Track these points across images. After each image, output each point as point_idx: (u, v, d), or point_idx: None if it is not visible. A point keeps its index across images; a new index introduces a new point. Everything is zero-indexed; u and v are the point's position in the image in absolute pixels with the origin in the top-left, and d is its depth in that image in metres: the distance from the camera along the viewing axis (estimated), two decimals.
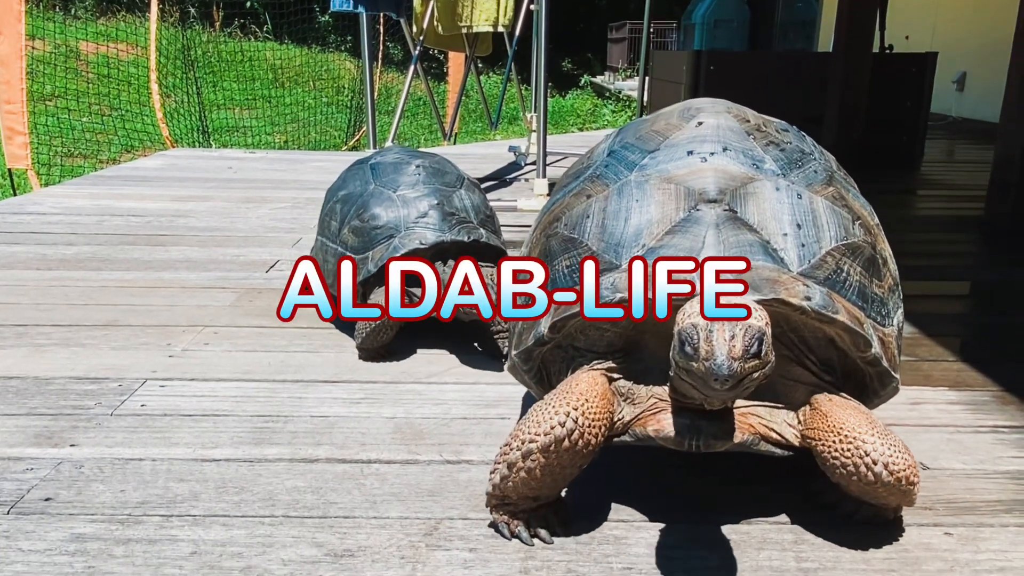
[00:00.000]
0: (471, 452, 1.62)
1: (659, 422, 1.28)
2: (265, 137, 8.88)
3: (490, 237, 2.16)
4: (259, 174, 4.86)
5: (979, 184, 3.66)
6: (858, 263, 1.33)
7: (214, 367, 2.01)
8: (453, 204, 2.15)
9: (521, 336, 1.44)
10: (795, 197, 1.32)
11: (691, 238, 1.28)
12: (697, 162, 1.36)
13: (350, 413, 1.79)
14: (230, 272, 2.84)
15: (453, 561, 1.28)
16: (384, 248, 2.09)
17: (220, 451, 1.61)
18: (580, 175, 1.51)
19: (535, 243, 1.51)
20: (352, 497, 1.45)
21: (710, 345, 1.05)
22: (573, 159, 5.48)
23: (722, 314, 1.07)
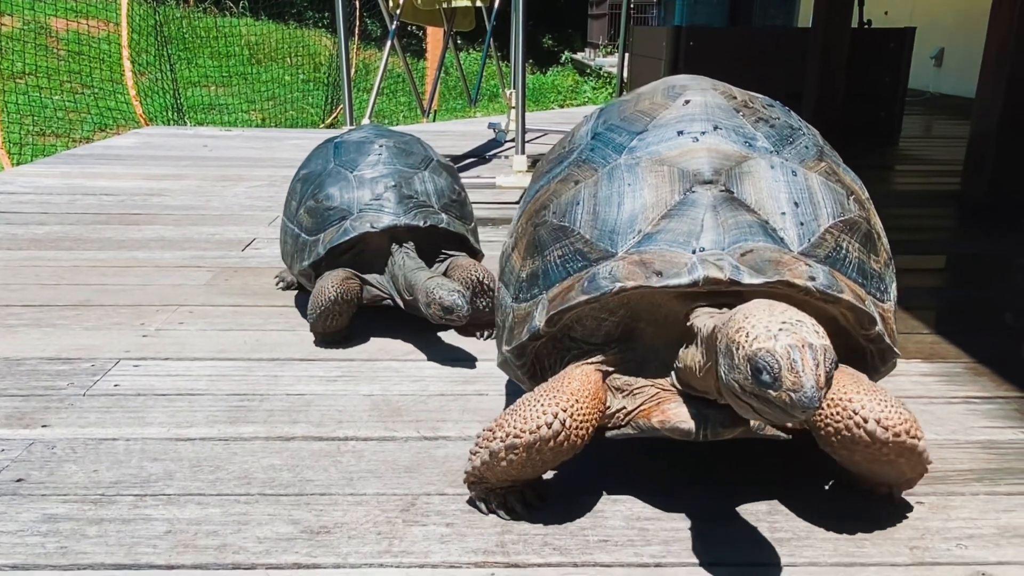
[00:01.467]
0: (448, 428, 1.62)
1: (664, 413, 1.26)
2: (241, 115, 8.76)
3: (451, 223, 2.08)
4: (235, 152, 4.80)
5: (956, 159, 3.69)
6: (856, 239, 1.31)
7: (188, 346, 1.99)
8: (412, 187, 2.07)
9: (512, 331, 1.39)
10: (790, 174, 1.30)
11: (688, 222, 1.25)
12: (688, 142, 1.32)
13: (327, 391, 1.77)
14: (205, 251, 2.81)
15: (430, 536, 1.28)
16: (335, 231, 2.01)
17: (195, 430, 1.59)
18: (563, 160, 1.45)
19: (522, 233, 1.45)
20: (328, 474, 1.45)
21: (797, 376, 0.97)
22: (554, 136, 5.46)
23: (794, 340, 1.00)
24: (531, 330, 1.32)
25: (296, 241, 2.11)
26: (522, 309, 1.37)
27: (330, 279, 1.95)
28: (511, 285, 1.44)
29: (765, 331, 1.01)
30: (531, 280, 1.37)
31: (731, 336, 1.06)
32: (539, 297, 1.34)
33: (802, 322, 1.02)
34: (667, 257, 1.23)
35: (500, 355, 1.46)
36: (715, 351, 1.11)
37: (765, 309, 1.06)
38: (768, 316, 1.04)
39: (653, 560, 1.23)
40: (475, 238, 2.21)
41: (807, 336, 1.00)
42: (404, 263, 1.96)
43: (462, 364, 1.92)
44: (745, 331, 1.03)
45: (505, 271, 1.49)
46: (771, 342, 1.00)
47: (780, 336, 1.00)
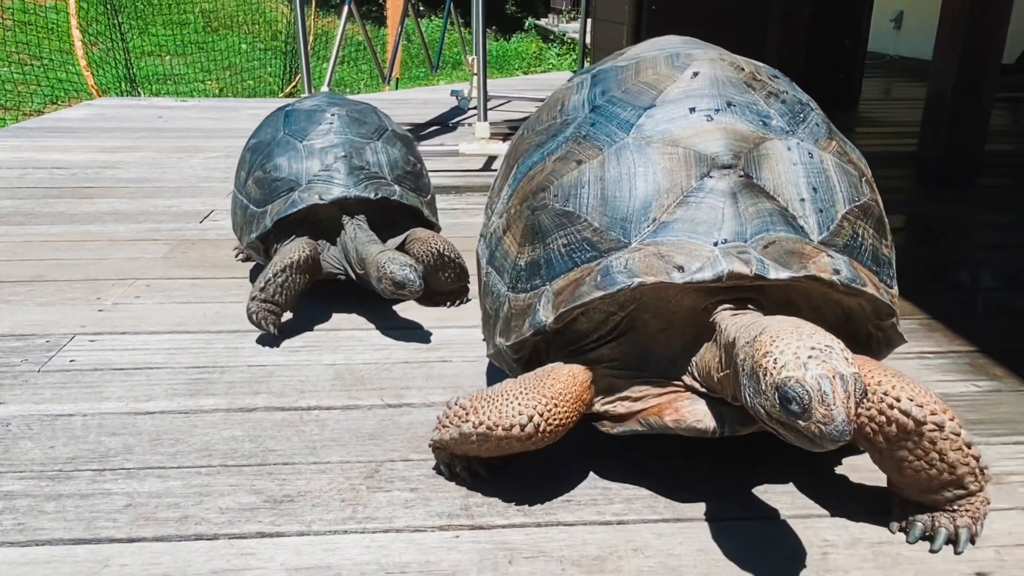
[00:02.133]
0: (412, 395, 1.61)
1: (678, 412, 1.21)
2: (197, 85, 8.55)
3: (404, 195, 2.01)
4: (191, 123, 4.69)
5: (914, 121, 3.73)
6: (870, 225, 1.26)
7: (146, 320, 1.96)
8: (364, 157, 1.99)
9: (510, 323, 1.30)
10: (807, 156, 1.23)
11: (707, 210, 1.17)
12: (702, 121, 1.23)
13: (288, 361, 1.76)
14: (161, 223, 2.75)
15: (394, 502, 1.28)
16: (282, 202, 1.94)
17: (154, 404, 1.57)
18: (557, 133, 1.34)
19: (516, 215, 1.33)
20: (291, 444, 1.44)
21: (828, 409, 0.93)
22: (519, 104, 5.39)
23: (824, 370, 0.94)
24: (535, 325, 1.24)
25: (245, 213, 2.05)
26: (520, 300, 1.29)
27: (296, 242, 1.89)
28: (506, 272, 1.34)
29: (794, 358, 0.96)
30: (531, 269, 1.28)
31: (757, 360, 1.00)
32: (542, 289, 1.25)
33: (832, 348, 0.97)
34: (687, 249, 1.16)
35: (492, 346, 1.38)
36: (735, 364, 1.08)
37: (792, 331, 1.00)
38: (797, 341, 0.98)
39: (615, 518, 1.24)
40: (431, 210, 2.14)
41: (838, 365, 0.95)
42: (356, 236, 1.92)
43: (425, 332, 1.92)
44: (773, 357, 0.98)
45: (496, 255, 1.39)
46: (801, 371, 0.95)
47: (810, 365, 0.95)
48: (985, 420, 1.53)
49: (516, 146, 1.48)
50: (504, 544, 1.19)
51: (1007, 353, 1.80)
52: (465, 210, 2.95)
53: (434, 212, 2.16)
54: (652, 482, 1.32)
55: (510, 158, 1.48)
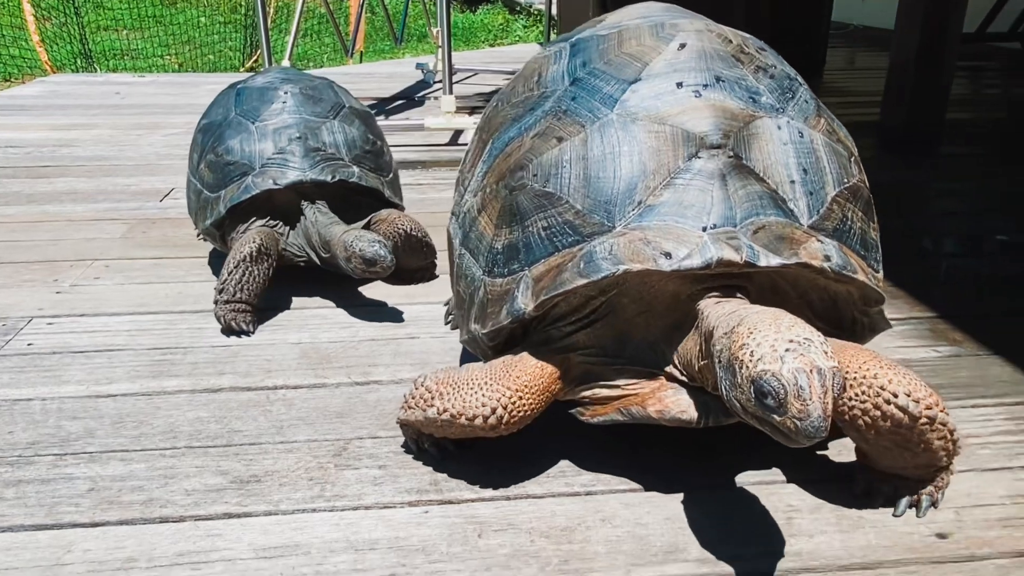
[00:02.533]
0: (380, 373, 1.61)
1: (661, 402, 1.18)
2: (156, 60, 8.34)
3: (363, 176, 1.93)
4: (149, 99, 4.58)
5: (877, 90, 3.76)
6: (859, 207, 1.23)
7: (106, 301, 1.92)
8: (321, 138, 1.92)
9: (486, 309, 1.25)
10: (797, 136, 1.19)
11: (696, 193, 1.13)
12: (690, 97, 1.17)
13: (253, 341, 1.74)
14: (121, 203, 2.69)
15: (363, 479, 1.27)
16: (236, 187, 1.87)
17: (116, 386, 1.54)
18: (535, 107, 1.27)
19: (492, 195, 1.27)
20: (258, 424, 1.42)
21: (803, 404, 0.90)
22: (486, 76, 5.31)
23: (801, 364, 0.92)
24: (514, 313, 1.19)
25: (199, 198, 1.97)
26: (498, 285, 1.24)
27: (253, 231, 1.83)
28: (481, 255, 1.29)
29: (771, 351, 0.93)
30: (509, 253, 1.23)
31: (734, 352, 0.97)
32: (520, 274, 1.20)
33: (810, 341, 0.94)
34: (675, 234, 1.11)
35: (466, 332, 1.32)
36: (712, 355, 1.05)
37: (771, 323, 0.97)
38: (774, 332, 0.95)
39: (584, 490, 1.25)
40: (393, 190, 2.06)
41: (815, 359, 0.92)
42: (317, 220, 1.87)
43: (392, 309, 1.90)
44: (749, 349, 0.95)
45: (470, 237, 1.33)
46: (777, 364, 0.92)
47: (787, 358, 0.92)
48: (945, 384, 1.56)
49: (490, 119, 1.41)
50: (473, 518, 1.19)
51: (966, 319, 1.83)
52: (432, 185, 2.92)
53: (397, 191, 2.10)
54: (619, 455, 1.33)
55: (483, 131, 1.41)
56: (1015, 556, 1.11)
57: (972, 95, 4.76)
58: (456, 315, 1.37)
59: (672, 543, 1.14)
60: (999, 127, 3.96)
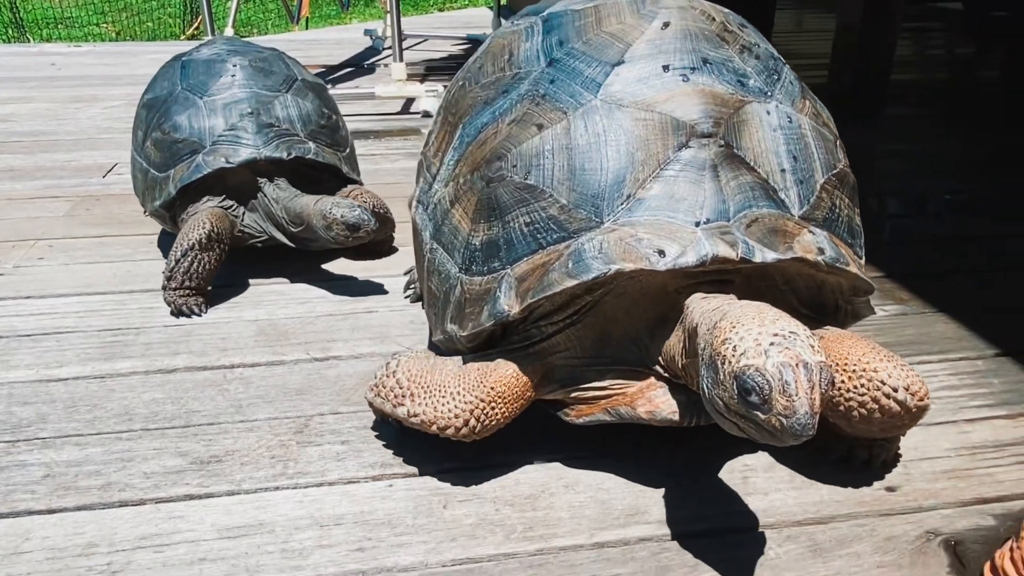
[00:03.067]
0: (339, 348, 1.60)
1: (651, 402, 1.14)
2: (92, 29, 8.03)
3: (320, 152, 1.87)
4: (87, 70, 4.42)
5: (825, 53, 3.80)
6: (846, 194, 1.21)
7: (51, 283, 1.86)
8: (274, 112, 1.84)
9: (463, 309, 1.19)
10: (786, 121, 1.16)
11: (687, 185, 1.08)
12: (677, 82, 1.12)
13: (208, 319, 1.71)
14: (62, 179, 2.60)
15: (326, 455, 1.27)
16: (186, 167, 1.79)
17: (66, 370, 1.51)
18: (510, 89, 1.21)
19: (467, 186, 1.20)
20: (216, 403, 1.41)
21: (790, 400, 0.86)
22: (437, 42, 5.21)
23: (787, 358, 0.88)
24: (496, 315, 1.12)
25: (146, 177, 1.89)
26: (476, 284, 1.18)
27: (204, 214, 1.75)
28: (456, 251, 1.22)
29: (755, 345, 0.89)
30: (488, 250, 1.16)
31: (716, 347, 0.93)
32: (501, 273, 1.14)
33: (796, 335, 0.90)
34: (667, 229, 1.06)
35: (441, 331, 1.26)
36: (696, 353, 1.01)
37: (754, 316, 0.94)
38: (758, 326, 0.92)
39: (547, 458, 1.27)
40: (351, 165, 2.00)
41: (801, 353, 0.88)
42: (279, 196, 1.81)
43: (349, 284, 1.88)
44: (732, 344, 0.91)
45: (443, 231, 1.26)
46: (761, 359, 0.88)
47: (772, 352, 0.88)
48: (891, 342, 1.61)
49: (457, 99, 1.33)
50: (438, 490, 1.20)
51: (912, 278, 1.89)
52: (385, 155, 2.89)
53: (354, 167, 2.05)
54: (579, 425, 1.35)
55: (450, 113, 1.34)
56: (959, 506, 1.16)
57: (917, 56, 4.85)
58: (427, 313, 1.34)
59: (634, 506, 1.16)
60: (943, 88, 4.05)
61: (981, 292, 1.82)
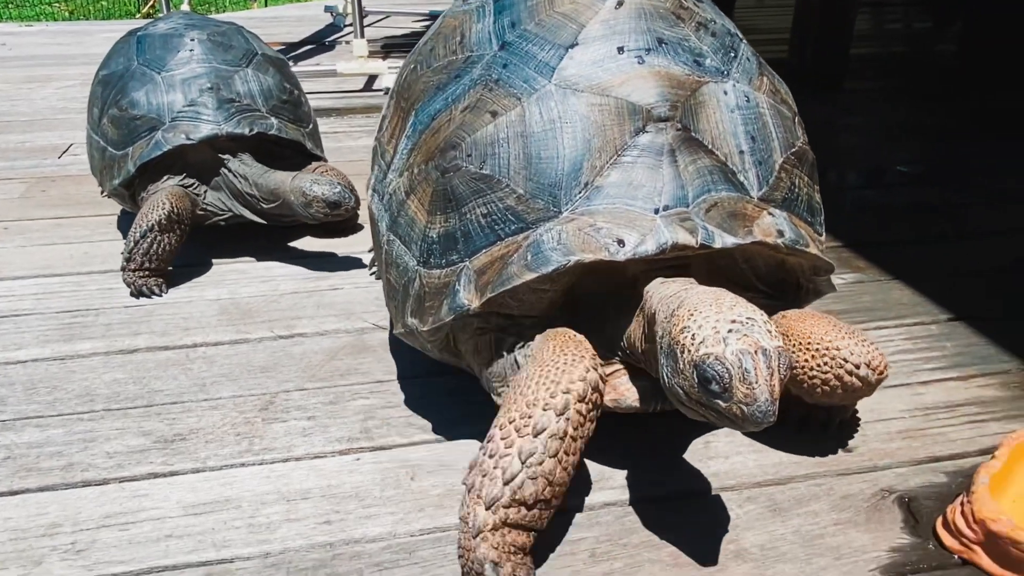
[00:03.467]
0: (304, 325, 1.59)
1: (616, 390, 1.12)
2: (44, 8, 7.81)
3: (283, 128, 1.82)
4: (40, 49, 4.30)
5: (786, 27, 3.83)
6: (805, 172, 1.20)
7: (7, 265, 1.83)
8: (234, 88, 1.80)
9: (423, 302, 1.15)
10: (744, 100, 1.14)
11: (645, 171, 1.06)
12: (632, 64, 1.09)
13: (169, 299, 1.69)
14: (15, 161, 2.54)
15: (292, 431, 1.27)
16: (145, 144, 1.74)
17: (25, 352, 1.49)
18: (462, 74, 1.17)
19: (422, 176, 1.16)
20: (179, 383, 1.40)
21: (750, 388, 0.86)
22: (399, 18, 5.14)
23: (746, 345, 0.87)
24: (456, 309, 1.10)
25: (103, 155, 1.85)
26: (435, 278, 1.14)
27: (163, 194, 1.70)
28: (413, 243, 1.18)
29: (713, 333, 0.89)
30: (446, 242, 1.13)
31: (674, 336, 0.92)
32: (460, 265, 1.11)
33: (753, 320, 0.90)
34: (626, 217, 1.05)
35: (402, 325, 1.21)
36: (654, 339, 1.00)
37: (711, 303, 0.93)
38: (715, 313, 0.91)
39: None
40: (314, 141, 1.96)
41: (760, 339, 0.88)
42: (247, 172, 1.77)
43: (313, 261, 1.87)
44: (690, 332, 0.90)
45: (399, 222, 1.22)
46: (720, 347, 0.87)
47: (730, 340, 0.88)
48: (849, 309, 1.64)
49: (409, 83, 1.29)
50: (406, 462, 1.21)
51: (868, 247, 1.92)
52: (348, 133, 2.86)
53: (318, 143, 2.01)
54: None
55: (402, 98, 1.30)
56: (913, 464, 1.20)
57: (876, 30, 4.91)
58: (388, 305, 1.30)
59: (600, 472, 1.18)
60: (901, 61, 4.11)
61: (936, 259, 1.86)
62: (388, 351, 1.49)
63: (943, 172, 2.46)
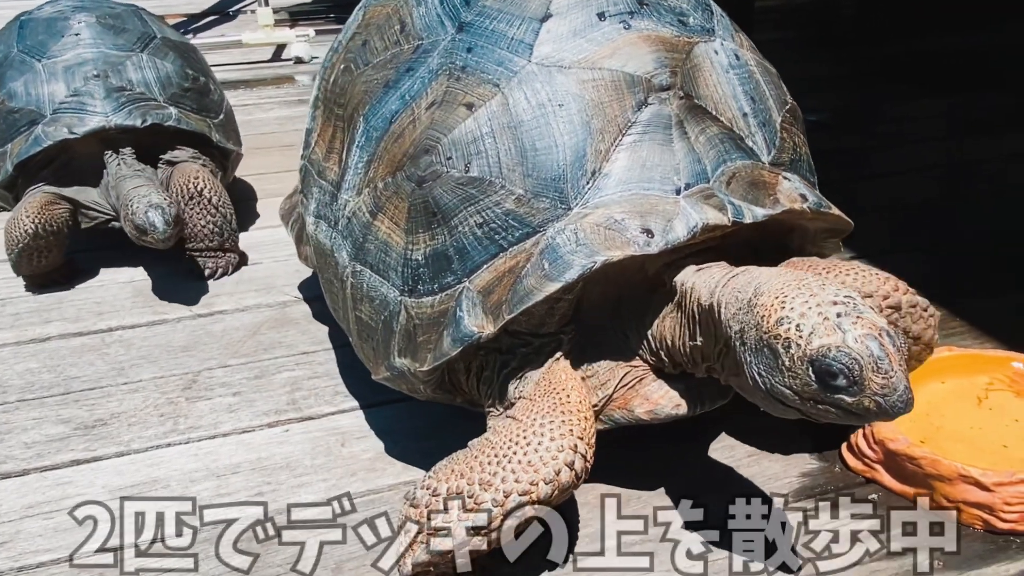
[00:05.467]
0: (223, 302, 1.57)
1: (648, 400, 1.00)
2: None
3: (182, 118, 1.66)
4: None
5: None
6: (799, 130, 1.10)
7: None
8: (125, 75, 1.64)
9: (415, 338, 0.99)
10: (735, 59, 1.04)
11: (656, 149, 0.94)
12: (619, 30, 0.97)
13: (79, 285, 1.64)
14: None
15: (217, 408, 1.26)
16: (23, 140, 1.58)
17: None
18: (414, 66, 1.02)
19: (391, 192, 1.00)
20: (96, 368, 1.36)
21: (887, 377, 0.75)
22: None
23: (867, 329, 0.77)
24: (464, 339, 0.93)
25: None
26: (427, 306, 0.98)
27: (24, 208, 1.53)
28: (392, 270, 1.02)
29: (821, 320, 0.78)
30: (436, 263, 0.98)
31: (770, 330, 0.80)
32: (458, 287, 0.96)
33: (853, 299, 0.80)
34: (646, 204, 0.92)
35: (386, 368, 1.04)
36: (725, 337, 0.89)
37: (798, 286, 0.82)
38: (810, 296, 0.80)
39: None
40: (224, 133, 1.79)
41: (874, 319, 0.78)
42: (118, 172, 1.58)
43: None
44: (792, 323, 0.79)
45: (368, 248, 1.04)
46: (837, 335, 0.76)
47: (846, 325, 0.77)
48: None
49: (343, 87, 1.13)
50: (335, 429, 1.21)
51: None
52: (258, 105, 2.79)
53: (230, 134, 1.82)
54: None
55: (336, 104, 1.15)
56: None
57: None
58: (360, 350, 1.12)
59: None
60: (806, 11, 4.21)
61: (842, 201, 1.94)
62: (312, 322, 1.49)
63: (848, 119, 2.55)
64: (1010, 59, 2.98)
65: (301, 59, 3.30)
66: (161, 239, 1.45)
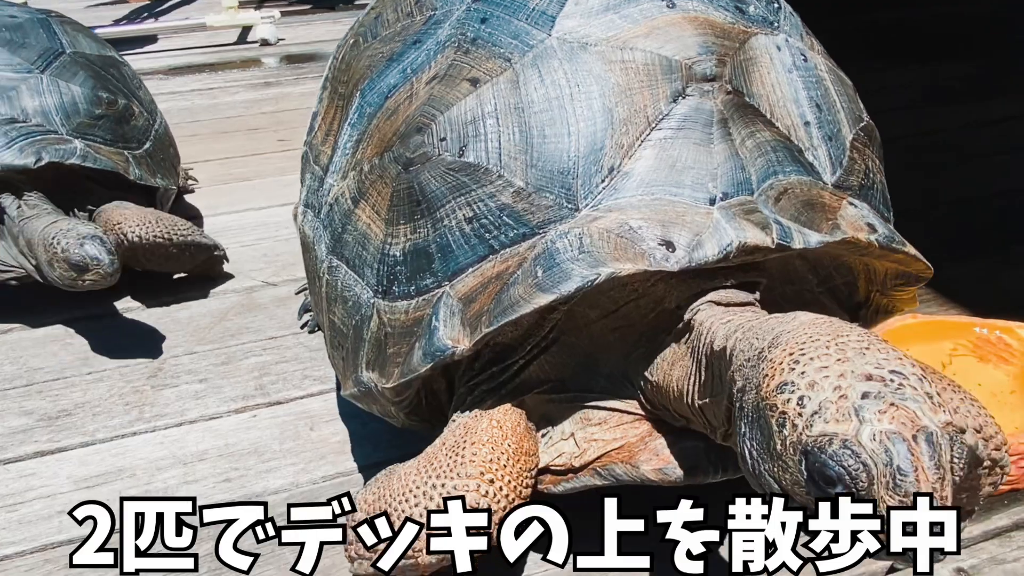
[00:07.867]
0: (189, 289, 1.54)
1: (657, 456, 0.84)
2: None
3: (90, 153, 1.39)
4: None
5: None
6: (875, 154, 0.95)
7: None
8: (18, 103, 1.39)
9: (385, 349, 0.87)
10: (801, 60, 0.90)
11: (691, 148, 0.80)
12: (660, 7, 0.85)
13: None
14: None
15: (184, 395, 1.25)
16: None
17: None
18: (423, 38, 0.92)
19: (376, 175, 0.89)
20: (59, 359, 1.34)
21: (903, 497, 0.55)
22: None
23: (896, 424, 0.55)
24: (436, 354, 0.81)
25: None
26: (401, 311, 0.87)
27: None
28: (367, 266, 0.91)
29: (837, 398, 0.57)
30: (414, 261, 0.86)
31: (766, 395, 0.61)
32: (437, 292, 0.84)
33: (902, 375, 0.58)
34: (671, 211, 0.78)
35: (353, 383, 0.93)
36: (722, 391, 0.72)
37: (828, 342, 0.61)
38: (837, 362, 0.59)
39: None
40: (151, 167, 1.52)
41: (919, 411, 0.56)
42: (21, 214, 1.35)
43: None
44: (795, 392, 0.59)
45: (345, 240, 0.94)
46: (849, 424, 0.55)
47: (868, 413, 0.56)
48: None
49: (348, 62, 1.03)
50: (303, 413, 1.21)
51: None
52: (223, 88, 2.74)
53: (159, 167, 1.56)
54: None
55: (339, 82, 1.05)
56: None
57: None
58: (331, 356, 1.01)
59: None
60: None
61: None
62: (280, 306, 1.47)
63: None
64: (975, 27, 3.00)
65: (267, 41, 3.25)
66: (108, 272, 1.23)
